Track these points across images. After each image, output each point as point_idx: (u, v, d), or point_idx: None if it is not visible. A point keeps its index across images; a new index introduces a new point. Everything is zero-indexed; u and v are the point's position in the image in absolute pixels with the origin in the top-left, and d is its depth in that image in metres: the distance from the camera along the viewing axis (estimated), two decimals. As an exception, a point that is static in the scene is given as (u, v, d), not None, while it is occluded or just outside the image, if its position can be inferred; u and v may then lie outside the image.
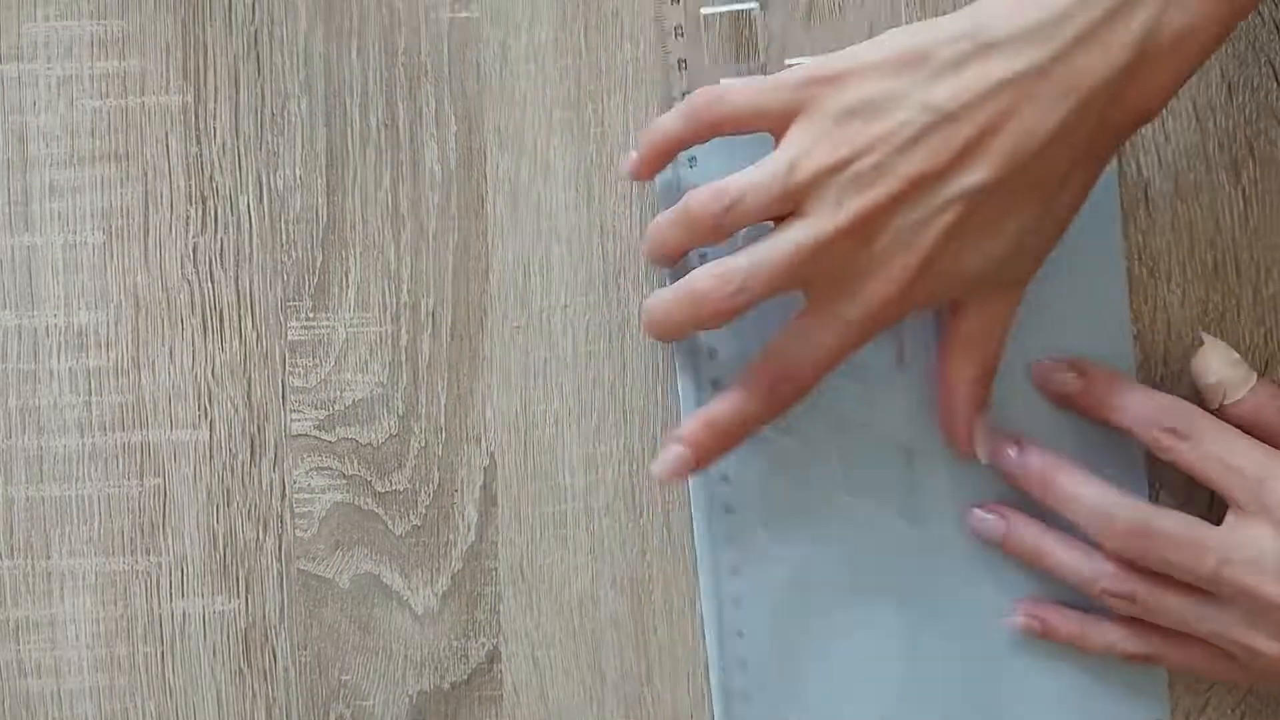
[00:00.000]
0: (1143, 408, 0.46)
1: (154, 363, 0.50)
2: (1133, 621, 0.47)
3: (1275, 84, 0.49)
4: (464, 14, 0.50)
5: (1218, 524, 0.45)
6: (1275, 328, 0.49)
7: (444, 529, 0.50)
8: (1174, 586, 0.45)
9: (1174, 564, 0.44)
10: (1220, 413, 0.46)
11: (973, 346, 0.46)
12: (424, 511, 0.50)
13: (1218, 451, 0.45)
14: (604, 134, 0.50)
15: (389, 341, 0.50)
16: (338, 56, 0.50)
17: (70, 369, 0.50)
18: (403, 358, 0.50)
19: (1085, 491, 0.46)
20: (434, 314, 0.50)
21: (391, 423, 0.50)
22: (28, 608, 0.50)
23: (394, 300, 0.50)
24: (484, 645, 0.50)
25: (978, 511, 0.48)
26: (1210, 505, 0.47)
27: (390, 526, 0.50)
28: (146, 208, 0.50)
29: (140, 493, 0.50)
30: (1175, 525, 0.45)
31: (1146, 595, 0.45)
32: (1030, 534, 0.47)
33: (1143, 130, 0.49)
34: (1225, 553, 0.44)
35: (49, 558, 0.50)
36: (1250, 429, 0.46)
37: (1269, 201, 0.49)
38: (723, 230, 0.44)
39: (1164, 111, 0.49)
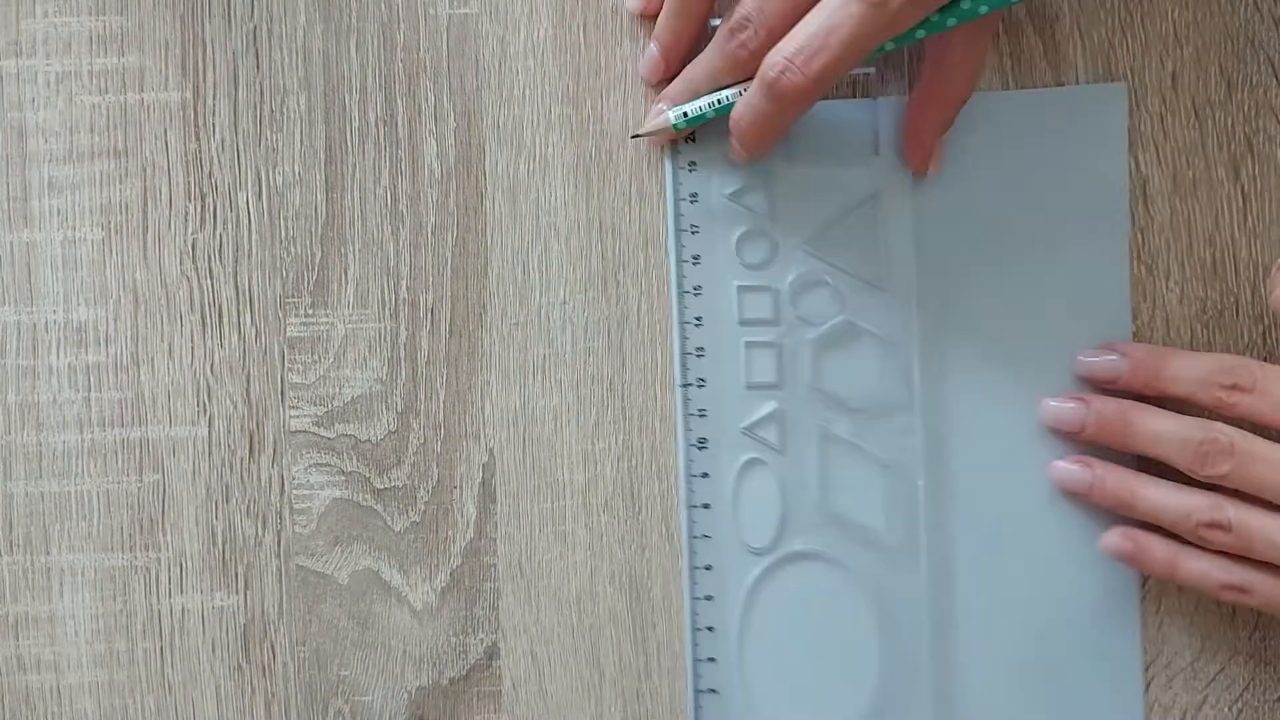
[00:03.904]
0: (1197, 371, 0.46)
1: (153, 359, 0.50)
2: (1226, 555, 0.46)
3: (1275, 81, 0.49)
4: (463, 10, 0.50)
5: None
6: (1273, 326, 0.49)
7: (443, 525, 0.50)
8: (1268, 511, 0.45)
9: (1266, 482, 0.44)
10: None
11: (961, 67, 0.46)
12: (423, 508, 0.50)
13: None
14: (602, 130, 0.50)
15: (388, 338, 0.50)
16: (336, 53, 0.50)
17: (69, 365, 0.50)
18: (402, 354, 0.50)
19: (1167, 425, 0.46)
20: (433, 310, 0.50)
21: (390, 419, 0.50)
22: (27, 603, 0.50)
23: (393, 297, 0.50)
24: (483, 641, 0.50)
25: (1061, 464, 0.48)
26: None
27: (389, 523, 0.50)
28: (145, 204, 0.50)
29: (139, 489, 0.50)
30: (1259, 444, 0.44)
31: (1242, 521, 0.45)
32: (1116, 479, 0.47)
33: (1142, 127, 0.49)
34: None
35: (48, 553, 0.50)
36: None
37: (1268, 199, 0.49)
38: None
39: (1162, 108, 0.49)
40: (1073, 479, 0.48)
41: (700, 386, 0.49)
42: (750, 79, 0.45)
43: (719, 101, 0.46)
